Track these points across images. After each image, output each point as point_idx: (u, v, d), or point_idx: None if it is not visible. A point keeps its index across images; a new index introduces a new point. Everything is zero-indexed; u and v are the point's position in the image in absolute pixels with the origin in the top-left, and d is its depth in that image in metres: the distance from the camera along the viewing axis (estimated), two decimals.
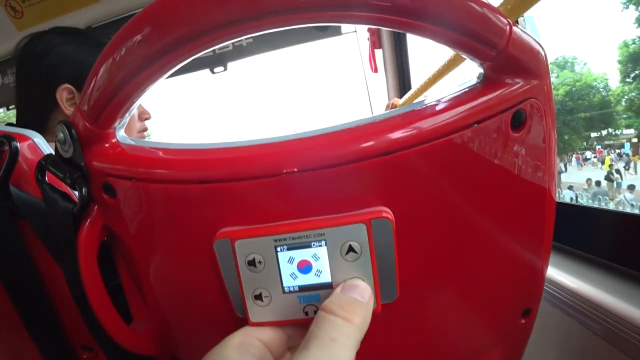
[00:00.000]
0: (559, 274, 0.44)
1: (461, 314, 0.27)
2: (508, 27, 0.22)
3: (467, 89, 0.24)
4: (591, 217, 0.47)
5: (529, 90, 0.24)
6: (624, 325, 0.34)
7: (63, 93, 0.59)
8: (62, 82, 0.59)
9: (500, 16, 0.22)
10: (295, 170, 0.20)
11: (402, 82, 1.21)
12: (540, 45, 0.24)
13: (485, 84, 0.24)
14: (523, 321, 0.30)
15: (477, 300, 0.27)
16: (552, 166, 0.26)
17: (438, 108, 0.22)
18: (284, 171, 0.20)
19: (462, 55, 0.24)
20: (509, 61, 0.23)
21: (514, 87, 0.24)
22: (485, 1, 0.22)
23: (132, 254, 0.28)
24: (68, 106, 0.59)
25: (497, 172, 0.24)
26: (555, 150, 0.26)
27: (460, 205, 0.24)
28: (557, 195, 0.28)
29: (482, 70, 0.24)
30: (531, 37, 0.24)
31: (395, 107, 1.18)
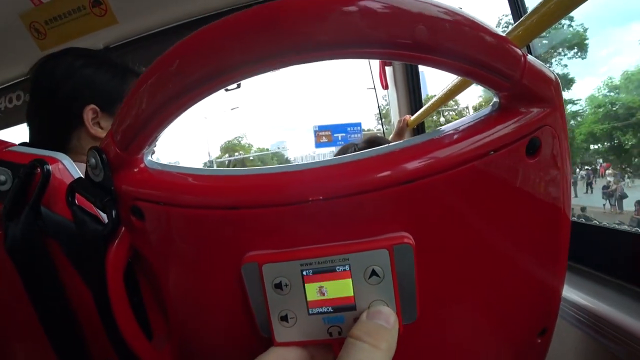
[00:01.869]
0: (579, 295, 0.44)
1: (478, 334, 0.28)
2: (522, 58, 0.23)
3: (482, 118, 0.25)
4: (610, 238, 0.47)
5: (543, 117, 0.24)
6: None
7: (89, 113, 0.61)
8: (87, 103, 0.62)
9: (514, 48, 0.23)
10: (321, 198, 0.21)
11: (412, 98, 1.23)
12: (553, 74, 0.25)
13: (501, 112, 0.25)
14: (539, 341, 0.30)
15: (494, 320, 0.28)
16: (567, 188, 0.27)
17: (455, 137, 0.23)
18: (310, 199, 0.21)
19: (478, 85, 0.25)
20: (523, 90, 0.24)
21: (528, 116, 0.24)
22: (500, 34, 0.23)
23: (157, 274, 0.29)
24: (93, 125, 0.62)
25: (513, 197, 0.25)
26: (569, 173, 0.27)
27: (478, 230, 0.24)
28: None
29: (497, 100, 0.25)
30: (544, 66, 0.25)
31: (407, 123, 1.20)
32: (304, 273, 0.21)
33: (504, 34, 0.23)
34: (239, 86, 1.17)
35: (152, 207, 0.26)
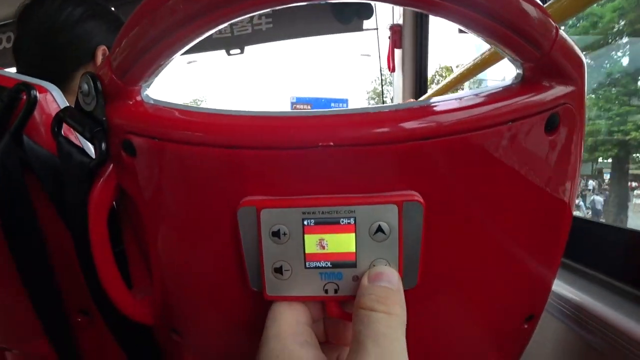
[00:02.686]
0: (562, 286, 0.44)
1: (470, 311, 0.27)
2: (555, 29, 0.22)
3: (503, 88, 0.24)
4: (596, 233, 0.47)
5: (565, 95, 0.24)
6: (623, 339, 0.35)
7: (99, 52, 0.63)
8: (100, 43, 0.63)
9: (549, 18, 0.22)
10: (332, 144, 0.20)
11: (418, 83, 1.21)
12: (581, 54, 0.24)
13: (523, 84, 0.24)
14: (526, 326, 0.30)
15: (487, 298, 0.27)
16: (576, 175, 0.26)
17: (475, 102, 0.22)
18: (320, 144, 0.20)
19: (505, 54, 0.24)
20: (550, 64, 0.23)
21: (551, 91, 0.24)
22: (538, 1, 0.22)
23: (143, 217, 0.27)
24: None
25: (523, 173, 0.24)
26: (581, 159, 0.27)
27: (484, 201, 0.24)
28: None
29: (521, 71, 0.24)
30: (574, 43, 0.24)
31: None
32: (305, 223, 0.20)
33: None
34: (242, 51, 1.14)
35: (146, 142, 0.24)
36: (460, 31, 0.25)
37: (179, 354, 0.33)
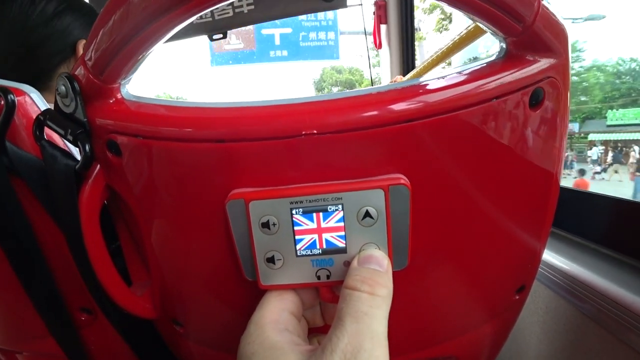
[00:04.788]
0: (552, 255, 0.45)
1: (462, 287, 0.28)
2: (537, 1, 0.22)
3: (487, 64, 0.24)
4: (582, 202, 0.48)
5: (549, 68, 0.24)
6: (612, 305, 0.36)
7: (80, 46, 0.60)
8: (79, 37, 0.60)
9: None
10: (315, 132, 0.20)
11: (405, 59, 1.19)
12: (564, 25, 0.24)
13: (507, 59, 0.24)
14: (517, 297, 0.31)
15: (478, 274, 0.28)
16: (562, 148, 0.27)
17: (459, 80, 0.22)
18: (303, 132, 0.20)
19: (486, 29, 0.23)
20: (533, 38, 0.23)
21: (535, 65, 0.23)
22: None
23: (135, 215, 0.27)
24: None
25: (510, 149, 0.24)
26: (566, 132, 0.27)
27: (472, 179, 0.24)
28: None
29: (504, 46, 0.24)
30: (556, 15, 0.23)
31: None
32: (294, 212, 0.20)
33: None
34: (224, 35, 1.11)
35: (130, 141, 0.24)
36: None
37: (182, 343, 0.34)
